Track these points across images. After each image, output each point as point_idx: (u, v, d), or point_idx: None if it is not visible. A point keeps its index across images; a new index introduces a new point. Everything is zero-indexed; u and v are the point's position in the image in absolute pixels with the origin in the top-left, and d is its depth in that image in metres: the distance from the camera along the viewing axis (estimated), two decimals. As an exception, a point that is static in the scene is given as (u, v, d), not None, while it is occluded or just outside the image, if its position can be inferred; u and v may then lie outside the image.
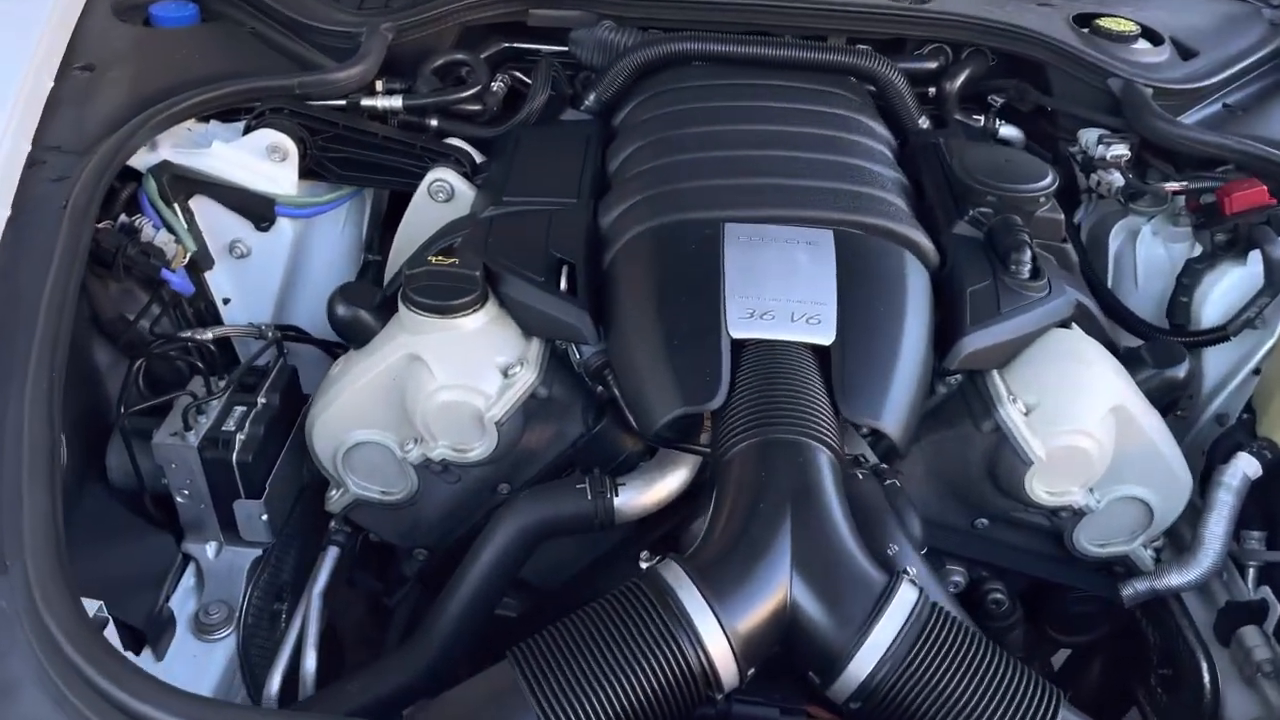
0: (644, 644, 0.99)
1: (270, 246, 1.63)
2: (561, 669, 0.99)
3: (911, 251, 1.38)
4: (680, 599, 1.01)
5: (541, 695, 0.97)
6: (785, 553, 1.04)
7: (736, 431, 1.14)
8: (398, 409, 1.39)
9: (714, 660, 1.00)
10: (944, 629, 1.02)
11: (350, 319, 1.41)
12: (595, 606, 1.04)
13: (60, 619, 0.97)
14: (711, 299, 1.25)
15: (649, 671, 0.98)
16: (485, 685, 1.02)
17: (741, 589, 1.02)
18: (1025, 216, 1.47)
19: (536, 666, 1.00)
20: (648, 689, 0.98)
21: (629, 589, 1.05)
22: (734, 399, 1.17)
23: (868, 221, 1.38)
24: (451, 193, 1.60)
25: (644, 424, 1.22)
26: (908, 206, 1.48)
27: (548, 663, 1.00)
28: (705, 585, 1.02)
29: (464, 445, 1.36)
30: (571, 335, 1.33)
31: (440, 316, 1.34)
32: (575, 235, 1.43)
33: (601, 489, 1.33)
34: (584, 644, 1.01)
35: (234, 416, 1.44)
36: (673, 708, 0.99)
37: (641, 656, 0.99)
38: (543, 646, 1.02)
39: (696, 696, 1.00)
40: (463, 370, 1.33)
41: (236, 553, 1.48)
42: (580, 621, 1.03)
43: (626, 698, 0.98)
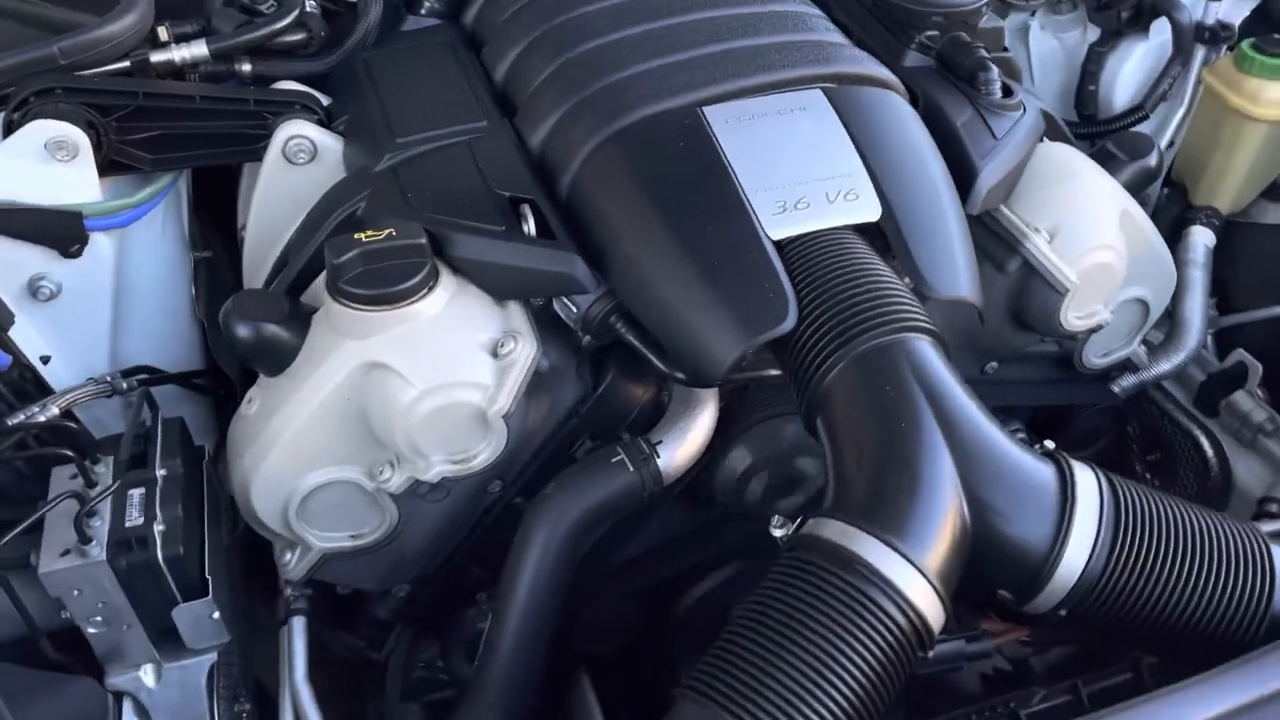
0: (843, 623, 0.82)
1: (86, 275, 1.23)
2: (760, 689, 0.80)
3: (897, 94, 1.22)
4: (862, 555, 0.84)
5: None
6: (949, 467, 0.89)
7: (824, 350, 0.96)
8: (358, 434, 1.10)
9: (921, 610, 0.84)
10: (1135, 503, 0.91)
11: (259, 340, 1.08)
12: (762, 603, 0.85)
13: None
14: (732, 200, 1.04)
15: (859, 652, 0.81)
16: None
17: (918, 522, 0.86)
18: (970, 31, 1.34)
19: (731, 696, 0.80)
20: (863, 672, 0.81)
21: (791, 568, 0.86)
22: (805, 313, 0.98)
23: (845, 71, 1.19)
24: (314, 150, 1.26)
25: (705, 369, 1.01)
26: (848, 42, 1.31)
27: (740, 687, 0.81)
28: (880, 530, 0.85)
29: (465, 454, 1.09)
30: (565, 287, 1.08)
31: (392, 307, 1.04)
32: (515, 164, 1.16)
33: (641, 454, 1.12)
34: (772, 651, 0.82)
35: (133, 505, 1.09)
36: (891, 681, 0.83)
37: (845, 639, 0.81)
38: (723, 670, 0.82)
39: (911, 657, 0.84)
40: (443, 365, 1.05)
41: (184, 668, 1.15)
42: (753, 625, 0.84)
43: (843, 694, 0.80)
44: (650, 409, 1.20)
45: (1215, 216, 1.55)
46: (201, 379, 1.41)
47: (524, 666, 1.09)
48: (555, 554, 1.09)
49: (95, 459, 1.11)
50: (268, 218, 1.28)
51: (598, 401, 1.17)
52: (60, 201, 1.18)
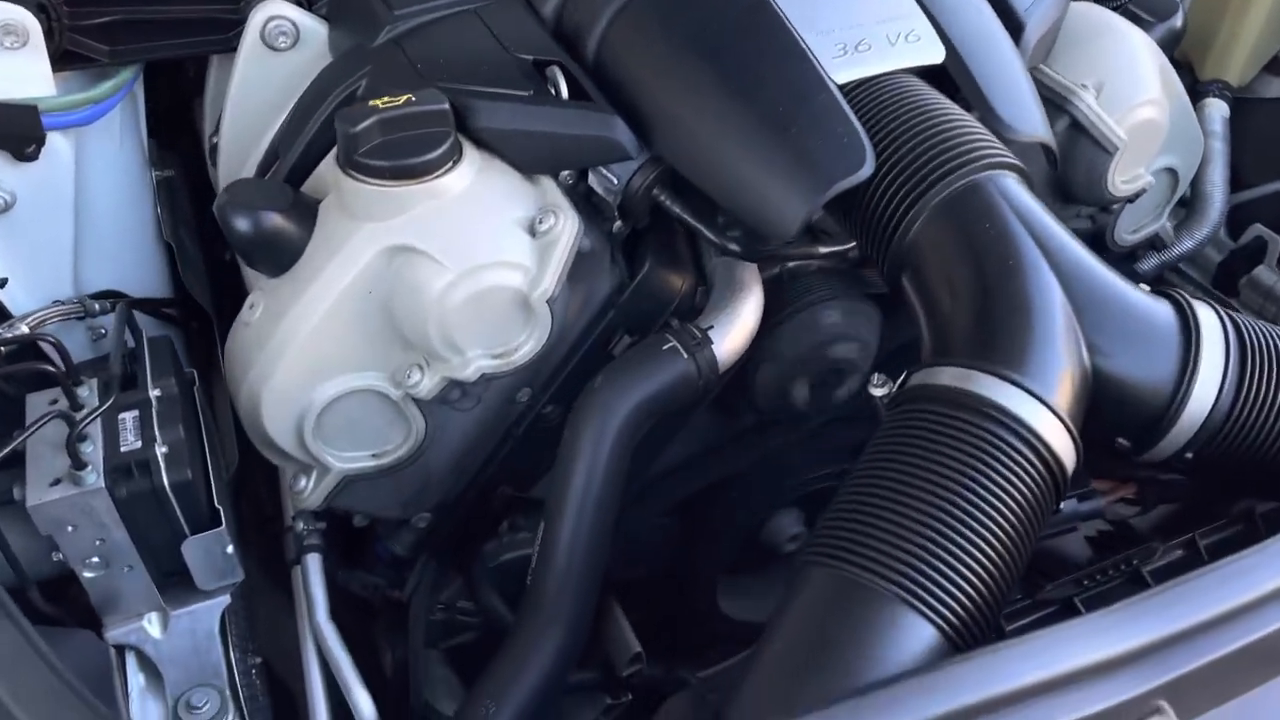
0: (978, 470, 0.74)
1: (44, 183, 1.08)
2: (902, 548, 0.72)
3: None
4: (989, 396, 0.76)
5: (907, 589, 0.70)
6: (1064, 305, 0.82)
7: (909, 195, 0.88)
8: (380, 334, 0.98)
9: (1056, 451, 0.77)
10: (1257, 337, 0.85)
11: (260, 232, 0.95)
12: (882, 461, 0.77)
13: None
14: (788, 44, 0.95)
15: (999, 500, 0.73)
16: (822, 610, 0.72)
17: (1041, 359, 0.79)
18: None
19: (871, 560, 0.72)
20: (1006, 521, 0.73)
21: (908, 422, 0.78)
22: (882, 159, 0.90)
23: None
24: (296, 34, 1.12)
25: (776, 227, 0.92)
26: None
27: (878, 549, 0.72)
28: (1003, 369, 0.77)
29: (506, 346, 0.99)
30: (605, 153, 0.98)
31: (417, 180, 0.92)
32: (532, 28, 1.04)
33: (693, 339, 1.02)
34: (905, 508, 0.73)
35: (127, 429, 0.95)
36: (1031, 532, 0.75)
37: (983, 488, 0.73)
38: (853, 533, 0.74)
39: (1049, 504, 0.77)
40: (479, 245, 0.94)
41: (194, 614, 1.02)
42: (877, 485, 0.75)
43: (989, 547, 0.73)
44: (689, 300, 1.11)
45: (1226, 88, 1.51)
46: (173, 308, 1.27)
47: (582, 576, 0.99)
48: (608, 452, 0.99)
49: (77, 381, 0.97)
50: (247, 113, 1.14)
51: (635, 291, 1.07)
52: (11, 95, 1.03)
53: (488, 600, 1.24)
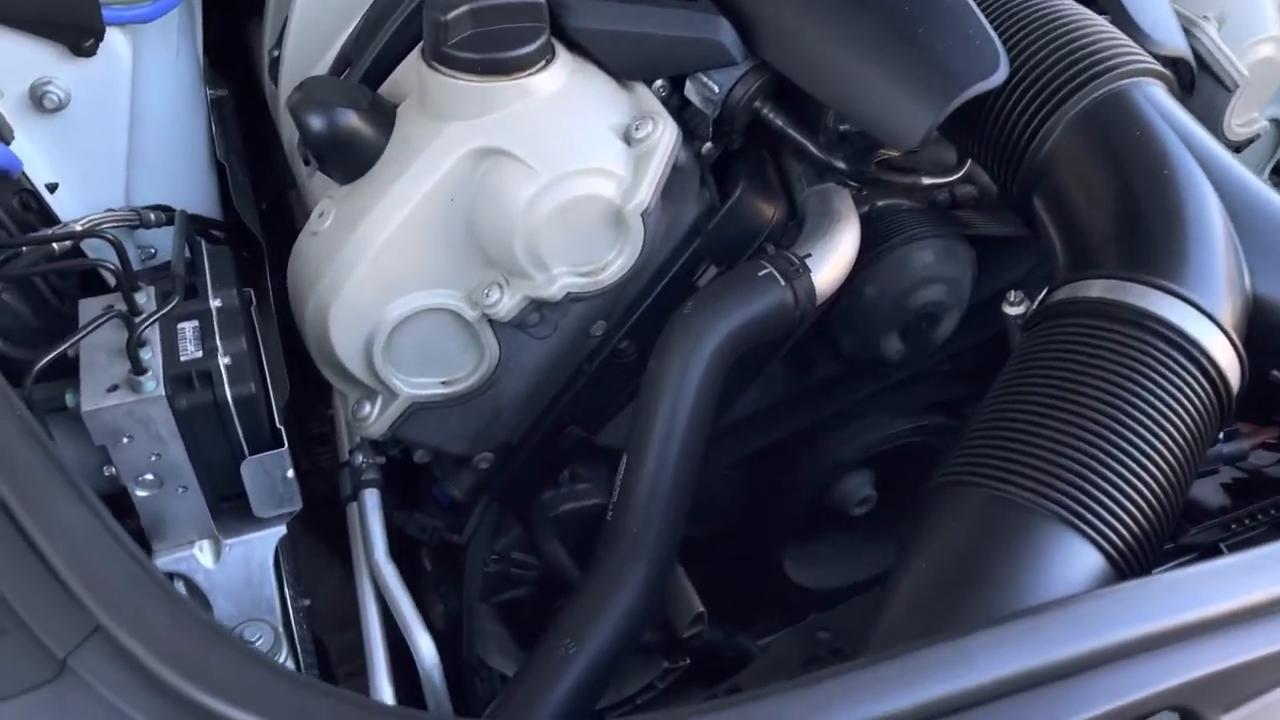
0: (1142, 386, 0.67)
1: (100, 82, 1.01)
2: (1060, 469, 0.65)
3: None
4: (1150, 309, 0.69)
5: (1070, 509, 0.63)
6: (1222, 219, 0.75)
7: (1047, 103, 0.81)
8: (459, 248, 0.92)
9: (1223, 369, 0.70)
10: None
11: (335, 132, 0.89)
12: (1030, 378, 0.70)
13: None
14: (908, -57, 0.88)
15: (1165, 418, 0.67)
16: (975, 531, 0.65)
17: (1203, 273, 0.73)
18: None
19: (1038, 487, 0.65)
20: (1173, 441, 0.67)
21: (1057, 337, 0.71)
22: (1016, 66, 0.83)
23: None
24: (370, -65, 1.06)
25: (899, 134, 0.85)
26: None
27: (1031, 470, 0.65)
28: (1165, 281, 0.71)
29: (594, 263, 0.92)
30: (709, 57, 0.91)
31: (507, 77, 0.86)
32: (628, -71, 0.98)
33: (791, 266, 0.96)
34: (1061, 426, 0.66)
35: (187, 339, 0.89)
36: (1196, 455, 0.69)
37: (1149, 405, 0.67)
38: (1002, 454, 0.67)
39: (1215, 426, 0.70)
40: (571, 149, 0.88)
41: (249, 544, 0.95)
42: (1024, 404, 0.69)
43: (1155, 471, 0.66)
44: (779, 231, 1.04)
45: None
46: (223, 235, 1.21)
47: (666, 513, 0.92)
48: (697, 381, 0.92)
49: (135, 285, 0.90)
50: (314, 19, 1.08)
51: (725, 218, 1.00)
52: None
53: (548, 550, 1.18)
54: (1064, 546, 0.62)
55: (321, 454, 1.34)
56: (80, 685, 0.52)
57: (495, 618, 1.26)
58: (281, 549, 0.99)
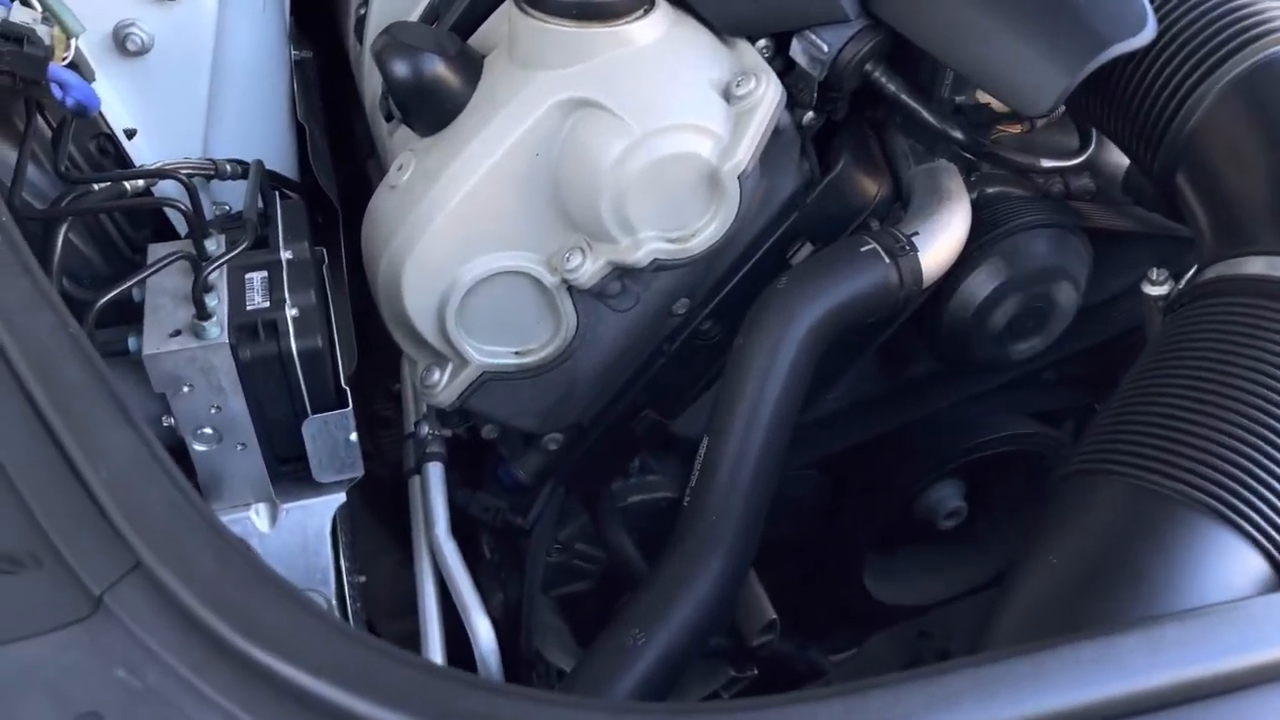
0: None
1: (184, 27, 0.99)
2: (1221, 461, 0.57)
3: None
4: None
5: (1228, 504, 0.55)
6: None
7: (1198, 68, 0.73)
8: (542, 208, 0.86)
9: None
10: None
11: (420, 79, 0.84)
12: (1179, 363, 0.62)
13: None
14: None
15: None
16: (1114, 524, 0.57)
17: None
18: None
19: (1190, 478, 0.57)
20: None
21: (1214, 319, 0.63)
22: (1164, 25, 0.75)
23: None
24: (465, -112, 1.02)
25: (1031, 96, 0.77)
26: None
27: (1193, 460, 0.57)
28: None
29: (685, 229, 0.86)
30: (819, 12, 0.85)
31: (603, 23, 0.81)
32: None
33: (898, 244, 0.89)
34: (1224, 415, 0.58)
35: (255, 289, 0.85)
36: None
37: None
38: (1149, 444, 0.59)
39: None
40: (667, 103, 0.82)
41: (307, 509, 0.91)
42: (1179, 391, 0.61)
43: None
44: (883, 209, 0.97)
45: None
46: (301, 194, 1.18)
47: (748, 501, 0.85)
48: (789, 362, 0.86)
49: (205, 231, 0.87)
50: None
51: (825, 192, 0.94)
52: (159, -77, 0.94)
53: (615, 542, 1.12)
54: (1218, 545, 0.54)
55: (385, 437, 1.30)
56: (116, 624, 0.48)
57: (555, 611, 1.20)
58: (340, 519, 0.94)
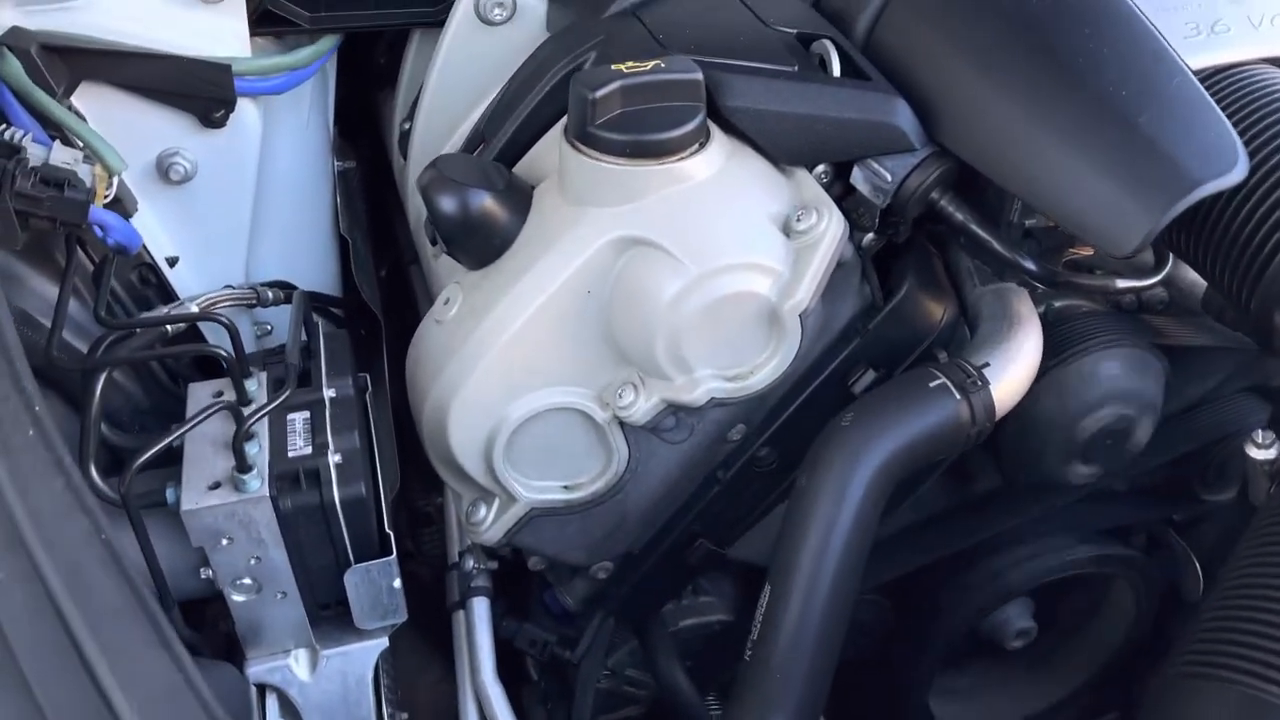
0: None
1: (228, 153, 0.97)
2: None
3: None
4: None
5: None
6: None
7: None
8: (593, 344, 0.83)
9: None
10: None
11: (469, 215, 0.81)
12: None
13: None
14: (1128, 19, 0.77)
15: None
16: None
17: None
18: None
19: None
20: None
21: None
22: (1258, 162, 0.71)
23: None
24: (513, 7, 1.00)
25: (1116, 236, 0.73)
26: None
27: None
28: None
29: (743, 367, 0.82)
30: (885, 142, 0.81)
31: (660, 161, 0.77)
32: (795, 3, 0.89)
33: (968, 377, 0.84)
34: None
35: (297, 432, 0.82)
36: None
37: None
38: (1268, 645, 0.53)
39: None
40: (726, 241, 0.78)
41: (347, 656, 0.87)
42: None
43: None
44: (947, 334, 0.92)
45: None
46: (343, 313, 1.15)
47: (815, 656, 0.80)
48: (857, 505, 0.81)
49: (246, 372, 0.84)
50: (449, 92, 1.03)
51: (888, 318, 0.89)
52: (204, 53, 0.93)
53: (665, 670, 1.06)
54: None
55: (426, 535, 1.26)
56: None
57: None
58: (381, 660, 0.90)
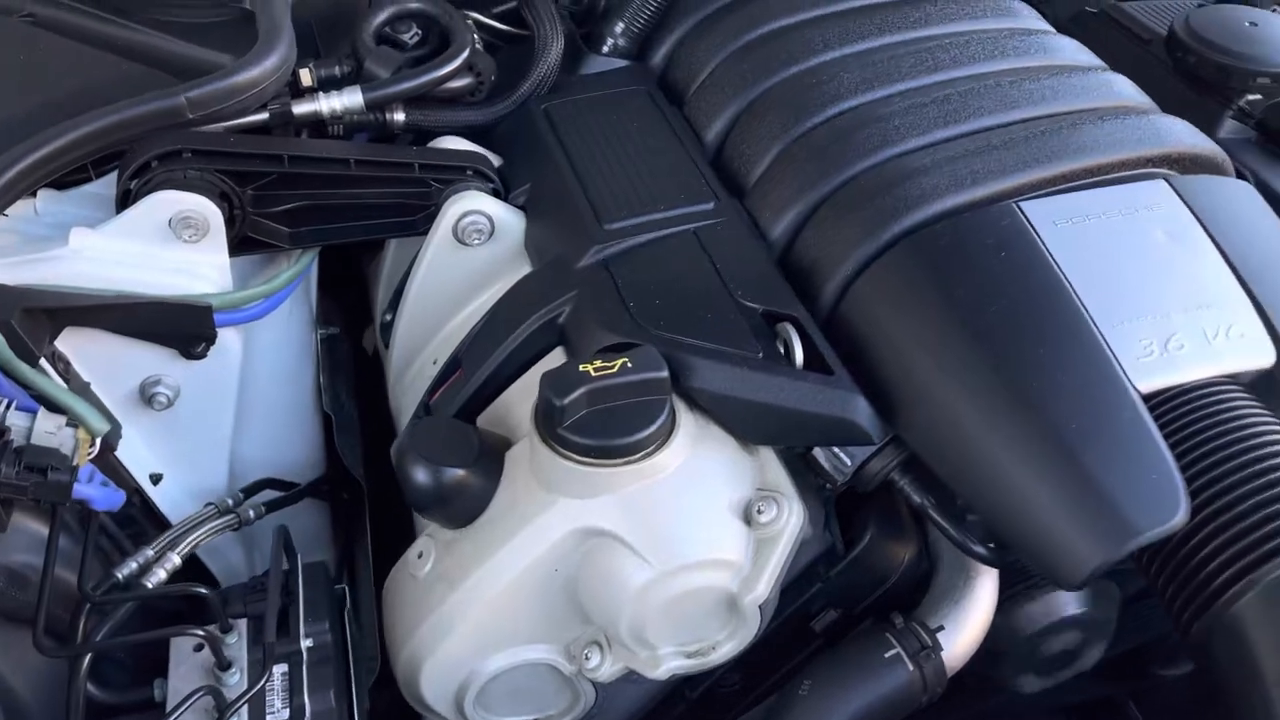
0: None
1: (209, 377, 0.99)
2: None
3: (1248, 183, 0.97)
4: None
5: None
6: None
7: (1234, 561, 0.71)
8: (561, 608, 0.86)
9: None
10: None
11: (442, 487, 0.84)
12: None
13: None
14: (1083, 336, 0.78)
15: None
16: None
17: None
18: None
19: None
20: None
21: None
22: (1200, 504, 0.73)
23: (1173, 152, 0.94)
24: (491, 229, 1.02)
25: (1057, 569, 0.75)
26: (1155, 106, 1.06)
27: None
28: None
29: (703, 644, 0.85)
30: (843, 436, 0.83)
31: (625, 461, 0.80)
32: (760, 265, 0.91)
33: (920, 646, 0.87)
34: None
35: (275, 692, 0.85)
36: None
37: None
38: None
39: None
40: (689, 538, 0.81)
41: None
42: None
43: None
44: (910, 573, 0.95)
45: None
46: (326, 486, 1.18)
47: None
48: (816, 774, 0.85)
49: (226, 626, 0.87)
50: (429, 302, 1.04)
51: (850, 566, 0.92)
52: (185, 291, 0.94)
53: None
54: None
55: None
56: None
57: None
58: None
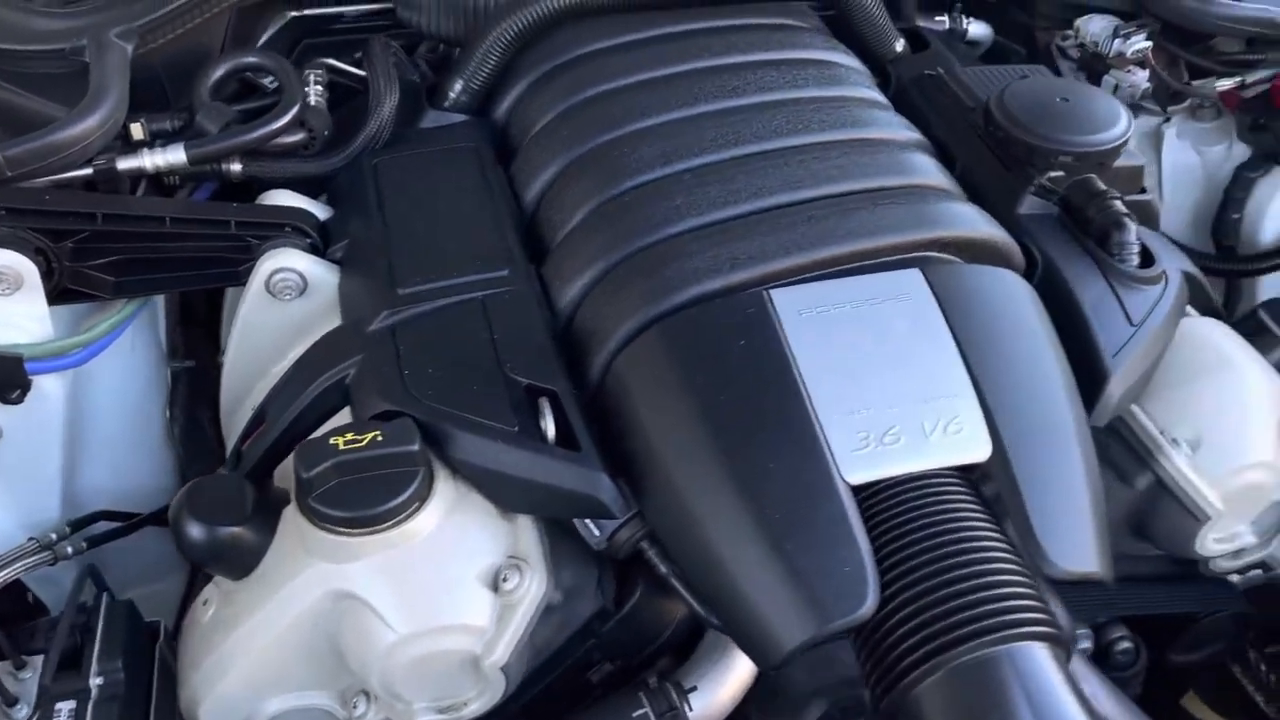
0: None
1: (30, 422, 1.04)
2: None
3: (1010, 265, 1.00)
4: None
5: None
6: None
7: (914, 650, 0.75)
8: (329, 658, 0.91)
9: None
10: None
11: (215, 544, 0.89)
12: None
13: None
14: (802, 427, 0.82)
15: None
16: None
17: None
18: (1103, 173, 1.10)
19: None
20: None
21: None
22: (890, 595, 0.77)
23: (947, 236, 0.97)
24: (303, 285, 1.06)
25: (759, 650, 0.80)
26: (952, 185, 1.09)
27: None
28: None
29: (454, 700, 0.90)
30: (588, 511, 0.88)
31: (372, 531, 0.84)
32: (537, 337, 0.95)
33: (670, 707, 0.92)
34: None
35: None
36: None
37: None
38: None
39: None
40: (432, 604, 0.85)
41: None
42: None
43: None
44: (685, 626, 1.00)
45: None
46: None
47: None
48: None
49: (20, 663, 0.92)
50: (247, 354, 1.09)
51: (621, 623, 0.97)
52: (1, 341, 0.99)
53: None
54: None
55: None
56: None
57: None
58: None
